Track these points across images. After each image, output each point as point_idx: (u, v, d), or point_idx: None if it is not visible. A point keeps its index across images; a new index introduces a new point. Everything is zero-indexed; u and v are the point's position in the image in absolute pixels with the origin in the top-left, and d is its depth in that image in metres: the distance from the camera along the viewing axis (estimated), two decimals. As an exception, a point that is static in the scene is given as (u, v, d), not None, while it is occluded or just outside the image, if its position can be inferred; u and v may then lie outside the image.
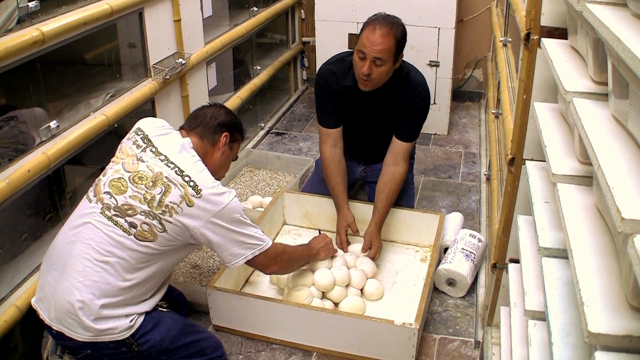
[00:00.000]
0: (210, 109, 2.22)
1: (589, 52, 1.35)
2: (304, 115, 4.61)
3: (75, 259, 1.89)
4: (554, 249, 1.35)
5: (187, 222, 1.92)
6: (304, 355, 2.33)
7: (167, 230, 1.92)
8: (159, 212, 1.91)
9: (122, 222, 1.91)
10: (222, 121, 2.17)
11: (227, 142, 2.17)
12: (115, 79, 2.81)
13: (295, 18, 4.76)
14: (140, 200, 1.92)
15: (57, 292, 1.89)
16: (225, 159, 2.20)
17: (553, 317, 1.17)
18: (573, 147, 1.40)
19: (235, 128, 2.22)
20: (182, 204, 1.91)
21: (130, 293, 1.93)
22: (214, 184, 1.98)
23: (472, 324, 2.49)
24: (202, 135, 2.12)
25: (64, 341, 1.93)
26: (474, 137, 4.23)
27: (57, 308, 1.89)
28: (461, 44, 4.53)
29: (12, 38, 1.98)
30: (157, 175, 1.94)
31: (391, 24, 2.47)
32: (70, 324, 1.88)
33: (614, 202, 0.86)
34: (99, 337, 1.90)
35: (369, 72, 2.48)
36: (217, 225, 1.95)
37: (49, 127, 2.22)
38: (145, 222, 1.91)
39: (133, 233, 1.91)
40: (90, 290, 1.87)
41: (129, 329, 1.94)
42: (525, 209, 1.80)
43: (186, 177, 1.94)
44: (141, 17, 2.70)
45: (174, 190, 1.92)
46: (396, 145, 2.74)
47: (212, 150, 2.14)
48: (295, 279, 2.47)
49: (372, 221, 2.71)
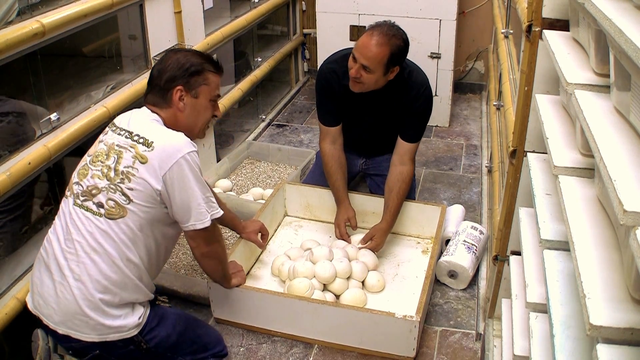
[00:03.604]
0: (157, 65, 2.01)
1: (590, 44, 1.34)
2: (305, 107, 4.60)
3: (66, 257, 1.85)
4: (555, 241, 1.35)
5: (147, 180, 1.83)
6: (305, 348, 2.33)
7: (132, 199, 1.83)
8: (117, 182, 1.84)
9: (90, 205, 1.85)
10: (170, 75, 1.95)
11: (184, 94, 1.96)
12: (116, 71, 2.81)
13: (296, 10, 4.75)
14: (99, 177, 1.87)
15: (58, 295, 1.84)
16: (191, 110, 1.99)
17: (554, 309, 1.17)
18: (575, 139, 1.40)
19: (192, 73, 1.97)
20: (135, 164, 1.83)
21: (129, 279, 1.87)
22: (170, 135, 1.88)
23: (474, 316, 2.49)
24: (155, 102, 1.97)
25: (70, 343, 1.87)
26: (475, 129, 4.23)
27: (62, 311, 1.83)
28: (462, 36, 4.52)
29: (13, 30, 1.97)
30: (110, 147, 1.90)
31: (390, 36, 2.43)
32: (77, 325, 1.83)
33: (616, 194, 0.86)
34: (108, 336, 1.85)
35: (357, 76, 2.47)
36: (178, 176, 1.84)
37: (49, 120, 2.22)
38: (109, 197, 1.83)
39: (103, 213, 1.83)
40: (92, 284, 1.82)
41: (137, 326, 1.90)
42: (526, 201, 1.80)
43: (135, 136, 1.87)
44: (142, 9, 2.69)
45: (125, 154, 1.86)
46: (402, 146, 2.73)
47: (173, 112, 1.97)
48: (296, 271, 2.47)
49: (384, 218, 2.70)
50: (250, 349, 2.33)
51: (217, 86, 2.06)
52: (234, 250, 2.50)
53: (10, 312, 2.04)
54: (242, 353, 2.31)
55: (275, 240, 2.92)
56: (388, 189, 2.72)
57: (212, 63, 2.04)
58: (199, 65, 1.98)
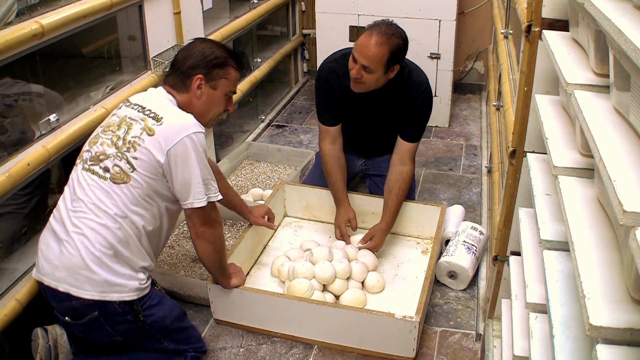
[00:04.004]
0: (183, 51, 2.12)
1: (590, 44, 1.34)
2: (305, 108, 4.60)
3: (71, 216, 1.94)
4: (555, 242, 1.35)
5: (151, 152, 1.93)
6: (305, 348, 2.33)
7: (136, 168, 1.94)
8: (124, 150, 1.94)
9: (97, 169, 1.96)
10: (193, 63, 2.05)
11: (203, 83, 2.05)
12: (115, 71, 2.81)
13: (296, 10, 4.75)
14: (108, 145, 1.98)
15: (62, 252, 1.92)
16: (207, 100, 2.08)
17: (554, 309, 1.17)
18: (574, 139, 1.40)
19: (215, 65, 2.07)
20: (142, 135, 1.94)
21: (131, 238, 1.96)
22: (180, 114, 1.98)
23: (474, 316, 2.49)
24: (174, 84, 2.07)
25: (71, 302, 1.92)
26: (475, 129, 4.23)
27: (65, 267, 1.91)
28: (462, 36, 4.52)
29: (12, 31, 1.97)
30: (122, 119, 2.01)
31: (389, 35, 2.42)
32: (79, 280, 1.89)
33: (616, 194, 0.86)
34: (108, 294, 1.91)
35: (358, 77, 2.48)
36: (182, 154, 1.93)
37: (48, 121, 2.22)
38: (115, 164, 1.95)
39: (108, 177, 1.95)
40: (95, 238, 1.90)
41: (137, 290, 1.96)
42: (526, 201, 1.80)
43: (147, 111, 1.98)
44: (141, 10, 2.69)
45: (134, 125, 1.97)
46: (402, 146, 2.73)
47: (189, 97, 2.06)
48: (296, 272, 2.46)
49: (384, 219, 2.70)
50: (250, 350, 2.33)
51: (236, 82, 2.17)
52: (234, 250, 2.50)
53: (10, 314, 2.03)
54: (242, 354, 2.31)
55: (274, 240, 2.92)
56: (388, 189, 2.72)
57: (236, 59, 2.14)
58: (223, 58, 2.09)
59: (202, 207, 2.01)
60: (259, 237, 2.78)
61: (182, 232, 2.93)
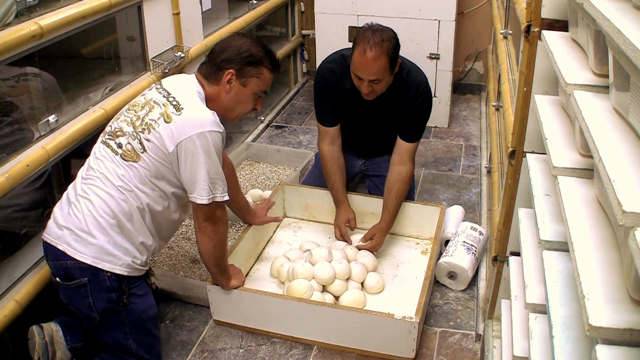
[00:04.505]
0: (221, 43, 2.12)
1: (589, 44, 1.34)
2: (304, 109, 4.60)
3: (82, 183, 2.00)
4: (554, 242, 1.34)
5: (163, 138, 1.94)
6: (305, 349, 2.33)
7: (146, 150, 1.96)
8: (139, 130, 1.97)
9: (112, 143, 2.01)
10: (228, 56, 2.05)
11: (234, 79, 2.05)
12: (114, 72, 2.81)
13: (295, 11, 4.74)
14: (127, 123, 2.02)
15: (69, 214, 1.97)
16: (235, 96, 2.09)
17: (554, 310, 1.17)
18: (574, 139, 1.40)
19: (248, 62, 2.06)
20: (159, 119, 1.95)
21: (135, 211, 1.98)
22: (201, 109, 1.98)
23: (473, 317, 2.49)
24: (207, 75, 2.08)
25: (65, 261, 1.94)
26: (474, 129, 4.23)
27: (68, 227, 1.95)
28: (461, 37, 4.52)
29: (11, 32, 1.97)
30: (147, 101, 2.04)
31: (380, 42, 2.40)
32: (77, 241, 1.93)
33: (615, 195, 0.86)
34: (100, 262, 1.93)
35: (369, 91, 2.49)
36: (191, 150, 1.94)
37: (47, 122, 2.22)
38: (129, 142, 1.98)
39: (120, 153, 1.98)
40: (99, 204, 1.94)
41: (128, 267, 1.98)
42: (526, 201, 1.80)
43: (171, 97, 1.99)
44: (140, 11, 2.69)
45: (155, 108, 1.99)
46: (401, 146, 2.73)
47: (218, 90, 2.07)
48: (295, 273, 2.46)
49: (383, 219, 2.70)
50: (250, 351, 2.33)
51: (268, 83, 2.16)
52: (234, 250, 2.49)
53: (10, 315, 2.03)
54: (242, 355, 2.31)
55: (274, 241, 2.91)
56: (387, 189, 2.72)
57: (272, 60, 2.12)
58: (259, 57, 2.08)
59: (205, 204, 2.02)
60: (258, 237, 2.78)
61: (182, 233, 2.93)
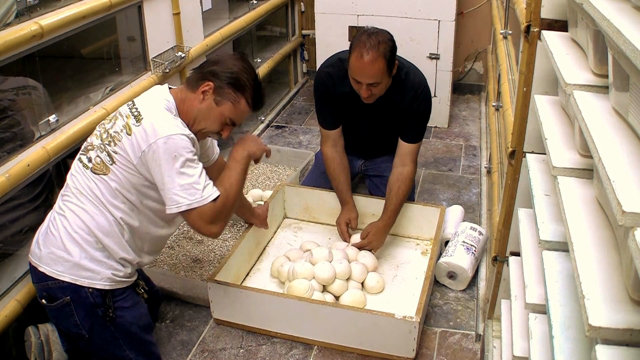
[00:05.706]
0: (218, 56, 2.09)
1: (589, 45, 1.34)
2: (304, 109, 4.60)
3: (60, 200, 2.01)
4: (554, 242, 1.34)
5: (128, 151, 1.91)
6: (305, 349, 2.33)
7: (115, 162, 1.93)
8: (106, 143, 1.96)
9: (83, 158, 2.01)
10: (216, 70, 2.00)
11: (211, 92, 1.98)
12: (115, 72, 2.81)
13: (295, 11, 4.75)
14: (97, 136, 2.02)
15: (47, 233, 1.97)
16: (205, 109, 1.99)
17: (554, 310, 1.17)
18: (573, 139, 1.40)
19: (231, 84, 1.99)
20: (122, 132, 1.93)
21: (110, 226, 1.95)
22: (160, 117, 1.91)
23: (473, 317, 2.49)
24: (189, 80, 2.06)
25: (47, 282, 1.94)
26: (474, 129, 4.23)
27: (46, 246, 1.95)
28: (461, 37, 4.52)
29: (11, 32, 1.97)
30: (115, 113, 2.04)
31: (377, 45, 2.39)
32: (55, 260, 1.92)
33: (615, 195, 0.86)
34: (79, 278, 1.92)
35: (369, 95, 2.49)
36: (153, 159, 1.87)
37: (48, 122, 2.22)
38: (97, 155, 1.97)
39: (90, 167, 1.97)
40: (74, 220, 1.94)
41: (109, 280, 1.96)
42: (525, 201, 1.80)
43: (135, 108, 1.97)
44: (140, 11, 2.69)
45: (119, 120, 1.98)
46: (403, 147, 2.73)
47: (192, 97, 2.00)
48: (295, 272, 2.46)
49: (382, 217, 2.70)
50: (250, 350, 2.33)
51: (242, 116, 2.07)
52: (234, 251, 2.50)
53: (10, 315, 2.03)
54: (242, 354, 2.31)
55: (274, 241, 2.92)
56: (387, 189, 2.72)
57: (255, 96, 2.06)
58: (243, 85, 2.02)
59: (184, 210, 1.91)
60: (259, 237, 2.78)
61: (182, 233, 2.93)
